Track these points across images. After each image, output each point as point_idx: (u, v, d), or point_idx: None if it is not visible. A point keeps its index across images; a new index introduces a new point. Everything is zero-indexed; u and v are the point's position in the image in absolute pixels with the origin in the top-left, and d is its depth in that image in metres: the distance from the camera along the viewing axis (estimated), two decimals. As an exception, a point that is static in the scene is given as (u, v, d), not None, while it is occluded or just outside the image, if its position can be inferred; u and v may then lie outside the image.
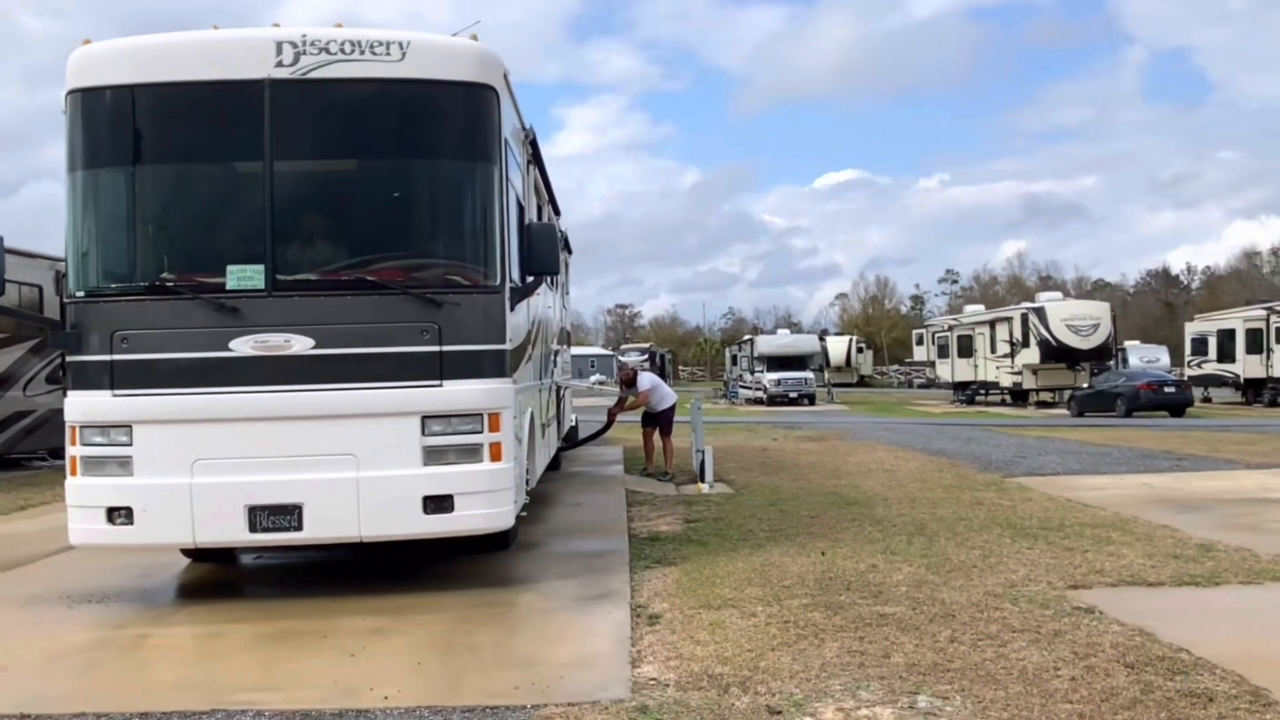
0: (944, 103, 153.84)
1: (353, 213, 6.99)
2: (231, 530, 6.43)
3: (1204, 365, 37.87)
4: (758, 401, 42.25)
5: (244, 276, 6.49)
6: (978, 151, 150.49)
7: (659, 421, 13.76)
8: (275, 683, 5.13)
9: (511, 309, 6.93)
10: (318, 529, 6.45)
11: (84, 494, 6.46)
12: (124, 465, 6.40)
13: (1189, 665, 5.05)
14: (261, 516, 6.39)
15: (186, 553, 7.97)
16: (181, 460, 6.38)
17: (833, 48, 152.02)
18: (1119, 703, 4.54)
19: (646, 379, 14.03)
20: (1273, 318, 33.94)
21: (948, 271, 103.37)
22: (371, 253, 6.73)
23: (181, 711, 4.70)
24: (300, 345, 6.44)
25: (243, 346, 6.42)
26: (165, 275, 6.66)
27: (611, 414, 14.27)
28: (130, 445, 6.39)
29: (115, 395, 6.41)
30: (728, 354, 61.82)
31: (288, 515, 6.40)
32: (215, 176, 7.02)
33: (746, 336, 55.91)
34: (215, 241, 6.90)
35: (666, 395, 13.94)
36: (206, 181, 7.02)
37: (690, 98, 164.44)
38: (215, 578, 7.85)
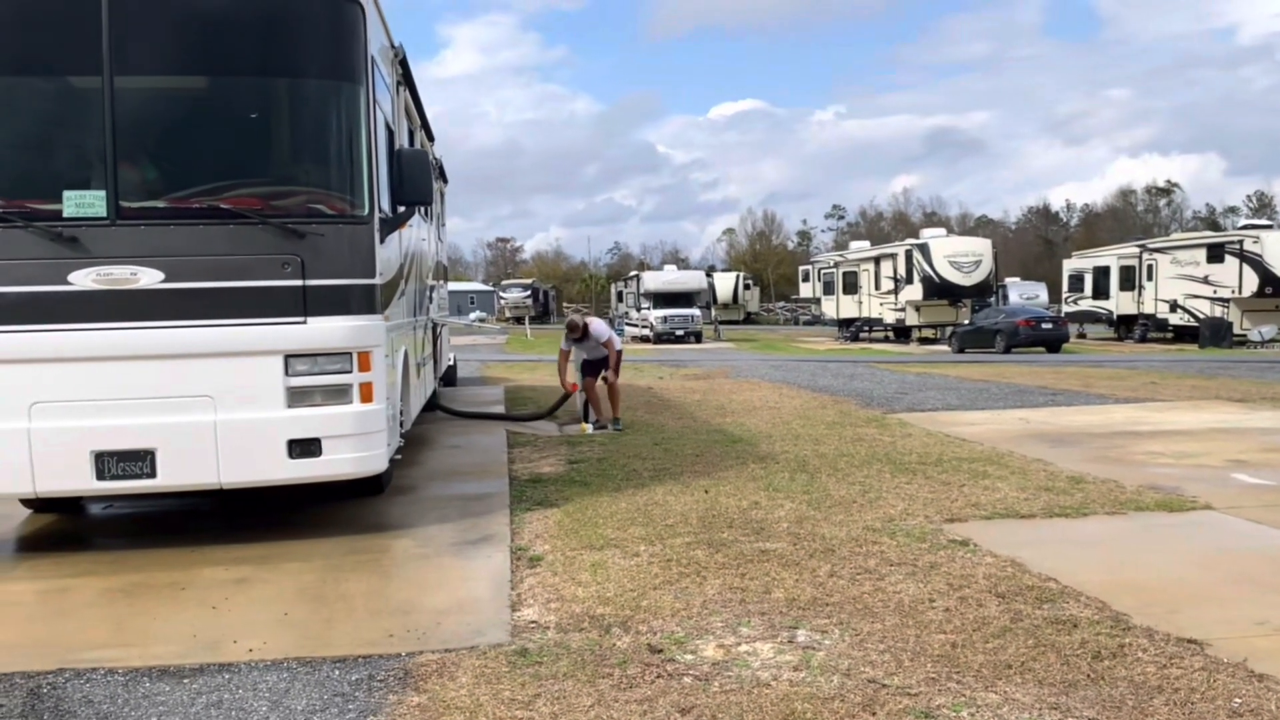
0: (845, 33, 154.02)
1: (205, 135, 6.46)
2: (76, 478, 6.00)
3: (1080, 302, 39.12)
4: (644, 339, 42.01)
5: (83, 203, 5.97)
6: (875, 84, 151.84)
7: (599, 368, 12.30)
8: (128, 639, 4.82)
9: (381, 240, 6.57)
10: (173, 475, 6.08)
11: None
12: None
13: (1056, 594, 5.21)
14: (110, 463, 5.99)
15: (27, 503, 7.47)
16: (17, 403, 5.90)
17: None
18: (990, 631, 4.64)
19: (601, 326, 12.34)
20: (1145, 255, 35.12)
21: (835, 207, 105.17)
22: (226, 178, 6.27)
23: (24, 672, 4.38)
24: (148, 278, 5.98)
25: (84, 280, 5.93)
26: None
27: (568, 379, 12.27)
28: None
29: None
30: (613, 290, 61.13)
31: (139, 461, 6.01)
32: (47, 92, 6.37)
33: (633, 273, 55.35)
34: (50, 165, 6.31)
35: (612, 338, 12.45)
36: (37, 97, 6.36)
37: (586, 19, 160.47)
38: (60, 530, 7.35)
